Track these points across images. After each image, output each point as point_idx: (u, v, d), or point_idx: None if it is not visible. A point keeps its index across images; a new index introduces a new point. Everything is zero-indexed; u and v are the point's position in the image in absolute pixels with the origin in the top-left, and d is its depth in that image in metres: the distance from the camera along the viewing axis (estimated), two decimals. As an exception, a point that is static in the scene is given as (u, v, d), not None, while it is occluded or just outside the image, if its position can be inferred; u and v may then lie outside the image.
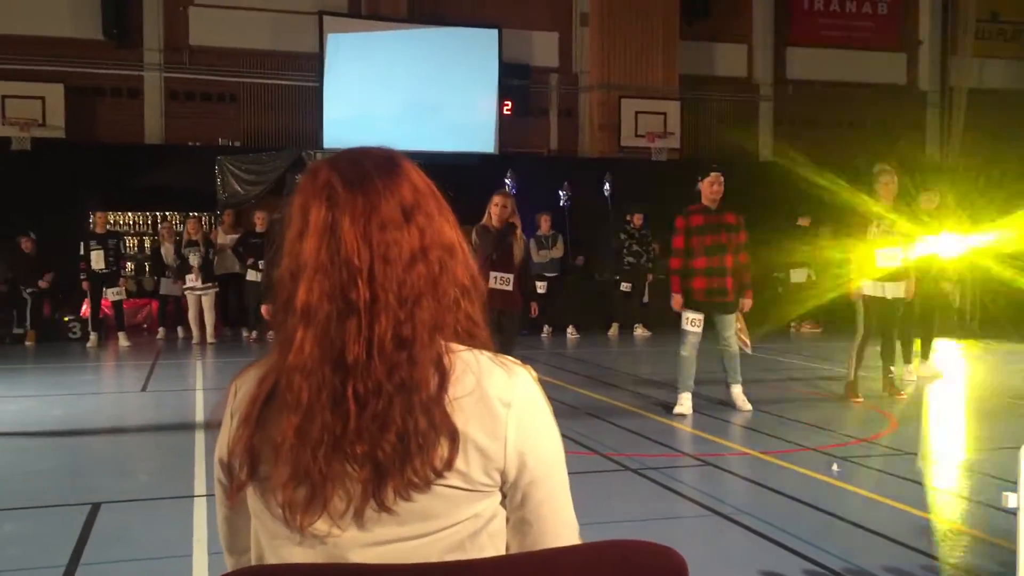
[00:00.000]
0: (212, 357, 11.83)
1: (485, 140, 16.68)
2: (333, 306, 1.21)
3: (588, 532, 1.32)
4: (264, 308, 7.78)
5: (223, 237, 13.99)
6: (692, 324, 7.43)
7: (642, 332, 14.15)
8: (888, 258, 7.94)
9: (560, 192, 15.50)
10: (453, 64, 16.47)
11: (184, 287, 13.26)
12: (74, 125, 15.09)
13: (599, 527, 4.23)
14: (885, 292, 7.97)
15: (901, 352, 9.23)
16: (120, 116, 15.66)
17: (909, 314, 8.88)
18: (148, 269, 14.65)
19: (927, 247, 9.10)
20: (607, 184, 15.47)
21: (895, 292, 8.00)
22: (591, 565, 1.17)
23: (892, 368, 8.25)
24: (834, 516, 4.73)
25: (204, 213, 14.92)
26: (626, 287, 14.24)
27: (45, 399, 8.61)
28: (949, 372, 9.74)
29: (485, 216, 7.40)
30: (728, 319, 7.50)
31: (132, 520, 4.79)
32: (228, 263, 13.73)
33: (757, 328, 13.25)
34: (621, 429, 7.05)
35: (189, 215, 14.47)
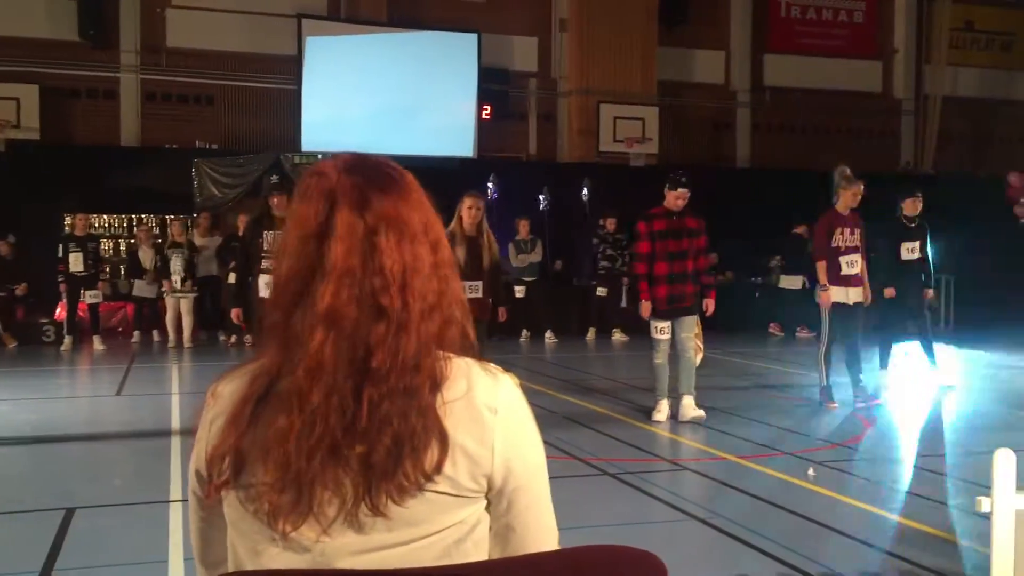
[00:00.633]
0: (188, 361, 11.75)
1: (464, 144, 16.68)
2: (362, 312, 1.21)
3: (567, 537, 1.33)
4: (235, 312, 7.62)
5: (199, 240, 13.92)
6: (661, 332, 7.50)
7: (619, 336, 14.19)
8: (851, 264, 8.05)
9: (540, 196, 15.52)
10: (432, 68, 16.47)
11: (164, 290, 13.17)
12: (49, 127, 14.97)
13: (578, 532, 4.24)
14: (848, 297, 8.08)
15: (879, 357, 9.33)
16: (96, 118, 15.55)
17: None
18: (124, 272, 14.53)
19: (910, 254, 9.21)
20: (585, 189, 15.52)
21: (856, 297, 8.12)
22: (572, 570, 1.18)
23: (862, 377, 8.29)
24: (810, 520, 4.76)
25: (181, 216, 14.84)
26: (602, 291, 14.28)
27: (18, 403, 8.51)
28: (926, 377, 9.81)
29: (455, 220, 7.25)
30: (688, 320, 7.49)
31: (107, 525, 4.75)
32: (205, 266, 13.66)
33: (736, 334, 13.35)
34: (599, 434, 7.07)
35: (170, 218, 14.36)
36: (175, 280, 13.02)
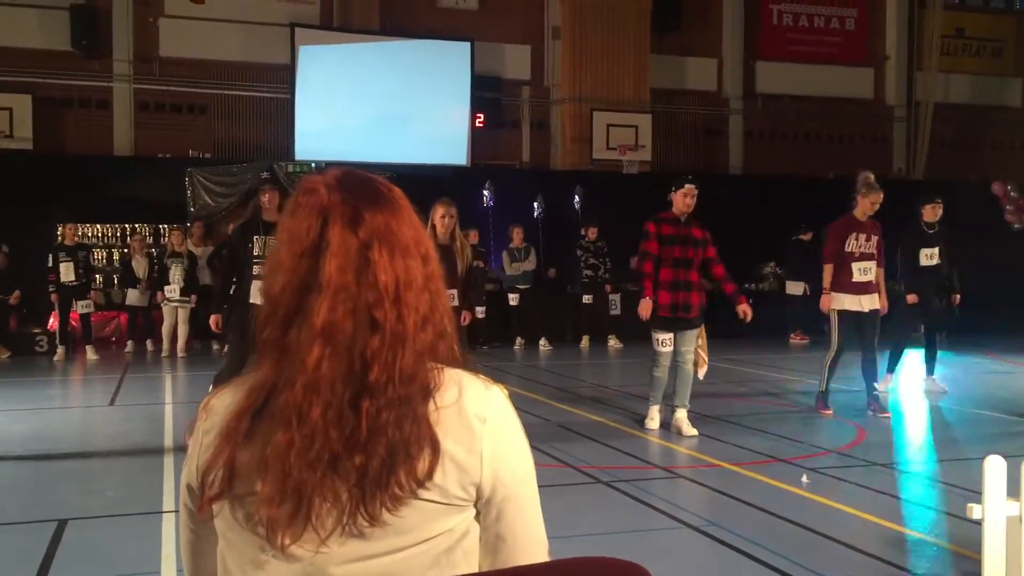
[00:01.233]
0: (181, 371, 11.73)
1: (457, 152, 16.70)
2: (357, 326, 1.22)
3: (559, 546, 1.33)
4: (214, 318, 7.47)
5: (193, 249, 13.90)
6: (663, 344, 7.28)
7: (614, 344, 14.19)
8: (864, 271, 7.96)
9: (534, 204, 15.55)
10: (425, 76, 16.49)
11: (162, 299, 13.15)
12: (42, 136, 14.96)
13: (570, 540, 4.24)
14: (861, 305, 7.98)
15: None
16: (89, 127, 15.54)
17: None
18: (117, 281, 14.51)
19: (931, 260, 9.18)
20: (576, 197, 15.56)
21: (870, 304, 8.01)
22: (557, 583, 1.18)
23: (876, 385, 8.22)
24: (803, 527, 4.77)
25: (175, 225, 14.81)
26: (587, 299, 14.30)
27: (11, 414, 8.49)
28: (920, 383, 9.82)
29: (427, 228, 7.16)
30: (690, 335, 7.31)
31: (99, 537, 4.73)
32: (200, 276, 13.63)
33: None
34: (593, 441, 7.07)
35: (171, 227, 14.26)
36: (174, 290, 12.99)
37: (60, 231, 13.06)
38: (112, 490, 5.76)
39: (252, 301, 6.88)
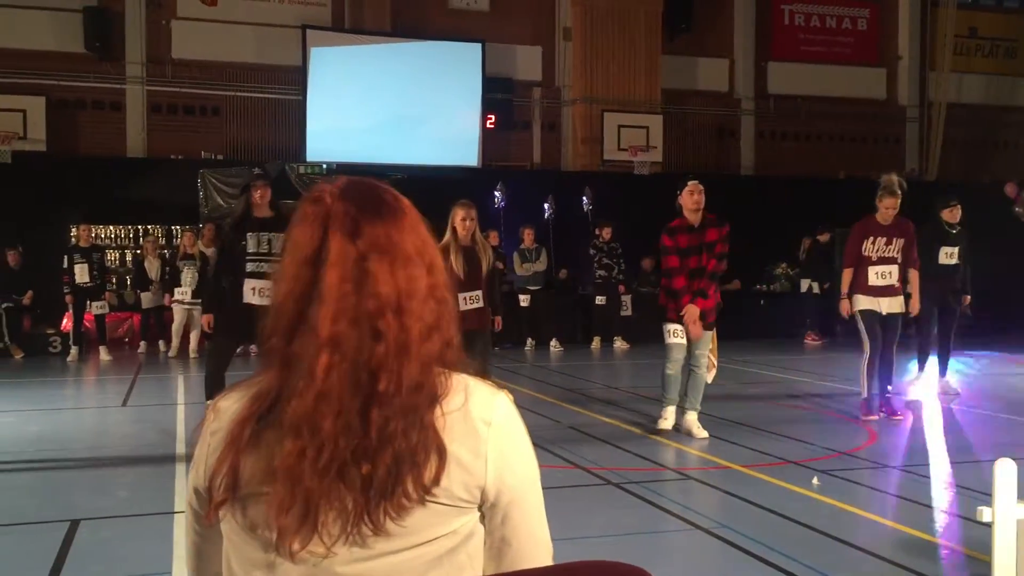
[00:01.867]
0: (194, 371, 11.77)
1: (468, 154, 16.72)
2: (361, 336, 1.23)
3: (569, 547, 1.34)
4: (205, 318, 7.39)
5: (204, 250, 13.93)
6: (676, 335, 7.15)
7: (621, 345, 14.18)
8: (882, 275, 7.87)
9: (544, 205, 15.56)
10: (437, 78, 16.52)
11: (173, 299, 13.20)
12: (55, 138, 15.05)
13: (580, 542, 4.24)
14: (880, 307, 7.89)
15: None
16: (102, 129, 15.63)
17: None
18: (130, 283, 14.58)
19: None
20: (585, 199, 15.58)
21: (891, 307, 7.92)
22: (563, 586, 1.19)
23: (890, 388, 8.16)
24: (814, 530, 4.76)
25: (187, 227, 14.88)
26: (600, 300, 14.28)
27: (24, 414, 8.54)
28: (932, 383, 9.78)
29: (448, 232, 6.97)
30: (704, 337, 7.23)
31: (111, 537, 4.76)
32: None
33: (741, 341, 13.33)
34: (603, 443, 7.06)
35: (184, 228, 14.35)
36: (185, 292, 13.04)
37: (75, 232, 13.13)
38: (124, 491, 5.79)
39: (246, 301, 6.81)
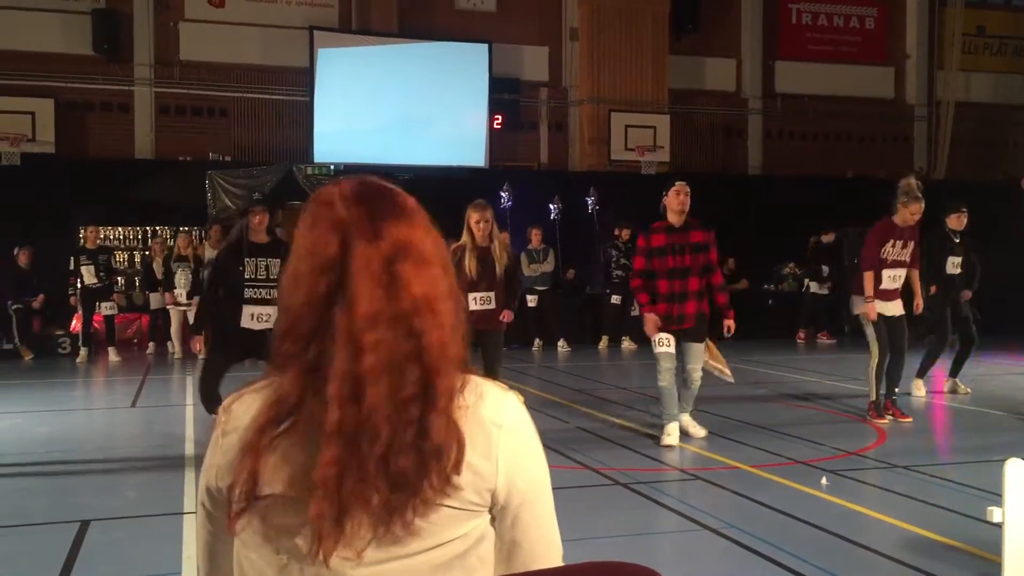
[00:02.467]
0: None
1: (475, 154, 16.73)
2: (398, 339, 1.22)
3: (578, 548, 1.34)
4: (196, 340, 7.39)
5: (210, 252, 13.96)
6: (663, 344, 6.85)
7: (628, 345, 14.21)
8: (894, 279, 7.85)
9: (551, 206, 15.57)
10: (443, 78, 16.52)
11: (168, 302, 13.24)
12: (64, 140, 15.09)
13: (588, 543, 4.25)
14: (887, 311, 7.86)
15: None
16: (110, 131, 15.67)
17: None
18: (138, 284, 14.62)
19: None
20: (589, 199, 15.60)
21: (895, 310, 7.90)
22: (572, 587, 1.19)
23: (897, 389, 8.12)
24: (823, 530, 4.75)
25: (195, 228, 14.93)
26: (616, 299, 14.31)
27: (34, 415, 8.57)
28: (942, 384, 9.76)
29: (464, 233, 6.96)
30: (695, 350, 6.95)
31: (121, 537, 4.78)
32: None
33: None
34: (611, 443, 7.06)
35: (180, 230, 14.45)
36: (180, 293, 13.09)
37: (82, 234, 13.16)
38: (134, 491, 5.81)
39: (244, 326, 6.88)
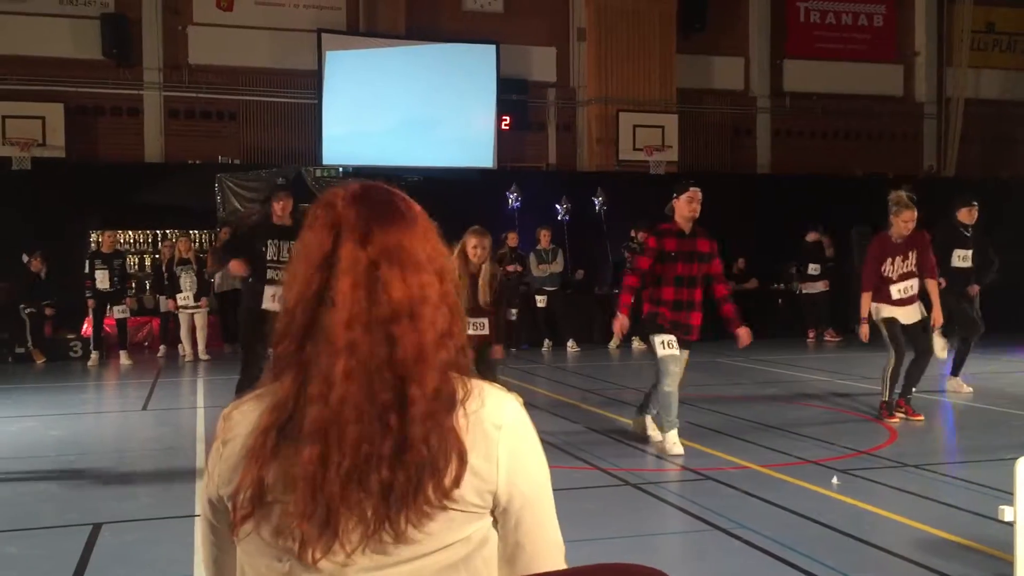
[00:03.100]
0: (212, 375, 11.83)
1: (484, 155, 16.74)
2: (375, 342, 1.23)
3: (587, 549, 1.35)
4: (235, 264, 7.28)
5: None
6: (667, 346, 6.53)
7: (639, 344, 14.18)
8: (904, 290, 7.78)
9: (558, 206, 15.58)
10: (451, 80, 16.54)
11: (176, 305, 13.28)
12: (74, 144, 15.16)
13: (597, 543, 4.24)
14: (900, 317, 7.78)
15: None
16: (120, 135, 15.73)
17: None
18: (149, 287, 14.68)
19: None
20: (596, 200, 15.61)
21: (910, 317, 7.83)
22: (580, 589, 1.19)
23: (913, 390, 8.04)
24: (834, 530, 4.74)
25: (204, 231, 14.96)
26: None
27: (46, 419, 8.61)
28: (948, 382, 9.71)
29: (457, 253, 6.61)
30: (683, 357, 6.66)
31: (133, 541, 4.80)
32: (229, 280, 13.75)
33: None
34: (620, 444, 7.06)
35: (184, 233, 14.47)
36: (187, 297, 13.12)
37: (97, 238, 13.23)
38: (146, 495, 5.83)
39: (264, 307, 6.94)
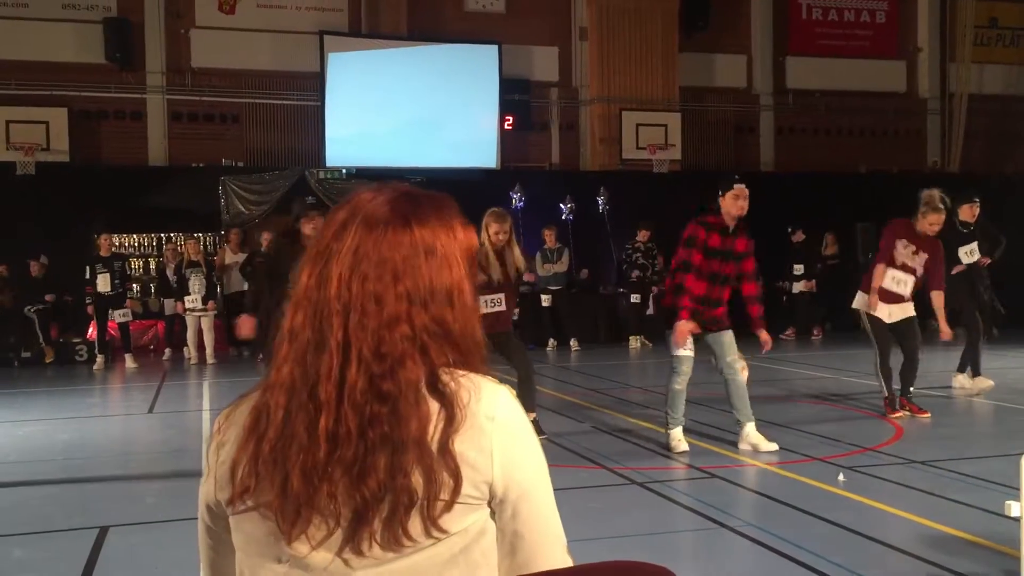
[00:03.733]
0: (218, 377, 11.85)
1: (487, 156, 16.74)
2: (312, 336, 1.25)
3: (593, 548, 1.34)
4: (247, 322, 7.24)
5: (230, 257, 14.03)
6: (686, 346, 6.51)
7: (643, 342, 14.24)
8: (898, 281, 7.77)
9: (562, 206, 15.58)
10: (454, 80, 16.54)
11: (184, 308, 13.30)
12: (78, 149, 15.18)
13: (605, 542, 4.24)
14: (890, 315, 7.77)
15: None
16: (124, 139, 15.75)
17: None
18: (154, 290, 14.70)
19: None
20: (599, 199, 15.62)
21: (901, 313, 7.82)
22: (586, 587, 1.19)
23: (912, 388, 8.04)
24: (840, 527, 4.73)
25: (208, 233, 14.98)
26: (635, 298, 14.40)
27: (52, 423, 8.63)
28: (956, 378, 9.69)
29: (483, 234, 6.81)
30: (727, 338, 6.58)
31: (140, 543, 4.81)
32: (235, 283, 13.77)
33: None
34: (626, 442, 7.06)
35: (191, 236, 14.51)
36: (195, 299, 13.14)
37: (96, 242, 13.26)
38: (152, 498, 5.84)
39: None
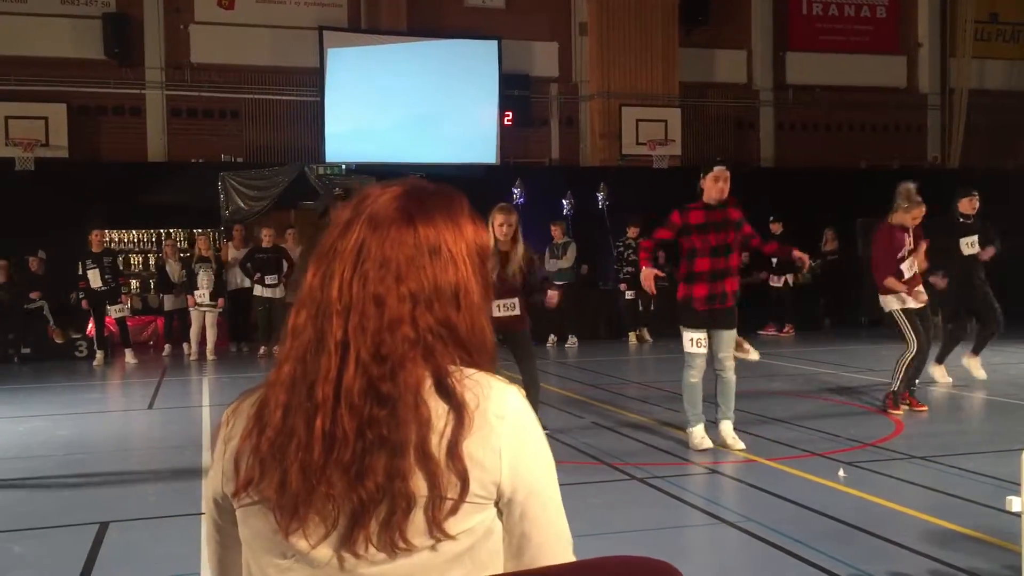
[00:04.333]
0: (218, 373, 11.85)
1: (487, 151, 16.72)
2: (313, 336, 1.25)
3: (594, 543, 1.34)
4: None
5: (233, 253, 14.04)
6: (697, 345, 6.54)
7: (633, 340, 14.26)
8: (910, 267, 7.83)
9: (563, 201, 15.57)
10: (453, 76, 16.52)
11: (192, 303, 13.29)
12: (77, 144, 15.16)
13: (605, 538, 4.24)
14: (916, 301, 7.83)
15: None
16: (123, 134, 15.73)
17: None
18: (153, 286, 14.69)
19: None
20: (599, 195, 15.61)
21: (919, 300, 7.85)
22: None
23: (916, 381, 8.05)
24: (840, 522, 4.73)
25: (208, 229, 14.97)
26: (631, 295, 14.38)
27: (52, 418, 8.63)
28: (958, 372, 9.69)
29: (490, 230, 6.70)
30: (727, 337, 6.60)
31: (140, 539, 4.81)
32: (238, 279, 13.77)
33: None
34: (627, 438, 7.06)
35: (197, 231, 14.51)
36: (203, 294, 13.13)
37: (88, 237, 13.27)
38: (152, 493, 5.84)
39: None
